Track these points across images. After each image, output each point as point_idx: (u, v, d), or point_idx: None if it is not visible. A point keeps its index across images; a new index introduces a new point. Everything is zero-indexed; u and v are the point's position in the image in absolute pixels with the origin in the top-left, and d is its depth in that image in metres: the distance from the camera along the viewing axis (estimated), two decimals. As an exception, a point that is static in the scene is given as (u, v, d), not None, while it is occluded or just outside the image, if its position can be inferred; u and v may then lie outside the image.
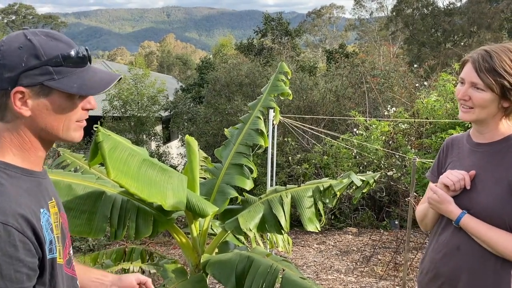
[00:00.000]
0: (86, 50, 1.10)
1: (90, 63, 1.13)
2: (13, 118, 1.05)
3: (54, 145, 1.22)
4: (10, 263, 0.95)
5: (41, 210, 1.06)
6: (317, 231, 2.88)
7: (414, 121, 8.13)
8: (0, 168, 1.03)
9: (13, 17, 49.06)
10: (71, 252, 1.21)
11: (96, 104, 1.16)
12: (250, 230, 2.83)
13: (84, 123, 1.15)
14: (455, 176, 1.67)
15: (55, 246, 1.08)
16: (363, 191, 3.01)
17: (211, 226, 3.35)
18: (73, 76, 1.05)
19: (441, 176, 1.73)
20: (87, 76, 1.08)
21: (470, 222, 1.62)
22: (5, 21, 48.54)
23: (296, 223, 6.01)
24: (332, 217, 8.12)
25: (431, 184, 1.77)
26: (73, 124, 1.11)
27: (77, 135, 1.13)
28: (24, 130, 1.07)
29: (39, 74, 1.02)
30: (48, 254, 1.05)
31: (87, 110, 1.14)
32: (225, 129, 3.69)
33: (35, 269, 1.01)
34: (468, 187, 1.66)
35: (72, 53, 1.06)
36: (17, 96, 1.02)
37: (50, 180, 1.19)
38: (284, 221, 2.87)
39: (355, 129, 9.01)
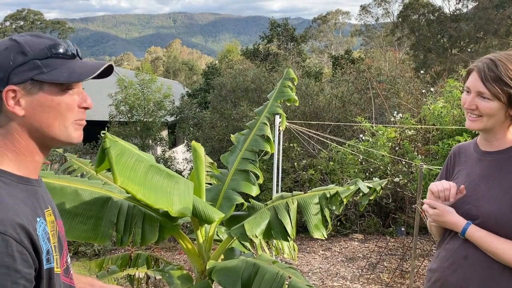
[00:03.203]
0: (73, 44, 1.11)
1: (80, 58, 1.12)
2: (6, 121, 1.04)
3: (60, 150, 1.21)
4: (7, 274, 0.92)
5: (38, 220, 1.04)
6: (324, 238, 2.86)
7: (421, 127, 8.09)
8: None
9: (21, 23, 49.52)
10: (69, 260, 1.18)
11: (92, 103, 1.14)
12: (256, 236, 2.82)
13: (84, 123, 1.13)
14: (441, 185, 1.67)
15: (52, 256, 1.06)
16: (370, 198, 2.99)
17: (217, 232, 3.34)
18: (62, 68, 1.05)
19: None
20: (77, 65, 1.08)
21: (476, 233, 1.60)
22: (14, 26, 48.99)
23: (302, 229, 5.99)
24: (338, 223, 8.08)
25: (426, 201, 1.74)
26: (70, 122, 1.10)
27: (77, 134, 1.12)
28: (19, 133, 1.05)
29: (28, 69, 1.02)
30: (46, 264, 1.03)
31: (84, 109, 1.12)
32: (231, 135, 3.69)
33: (31, 280, 0.98)
34: (451, 200, 1.66)
35: (57, 44, 1.06)
36: (9, 95, 1.02)
37: (45, 188, 1.18)
38: (290, 228, 2.85)
39: (361, 135, 8.99)
